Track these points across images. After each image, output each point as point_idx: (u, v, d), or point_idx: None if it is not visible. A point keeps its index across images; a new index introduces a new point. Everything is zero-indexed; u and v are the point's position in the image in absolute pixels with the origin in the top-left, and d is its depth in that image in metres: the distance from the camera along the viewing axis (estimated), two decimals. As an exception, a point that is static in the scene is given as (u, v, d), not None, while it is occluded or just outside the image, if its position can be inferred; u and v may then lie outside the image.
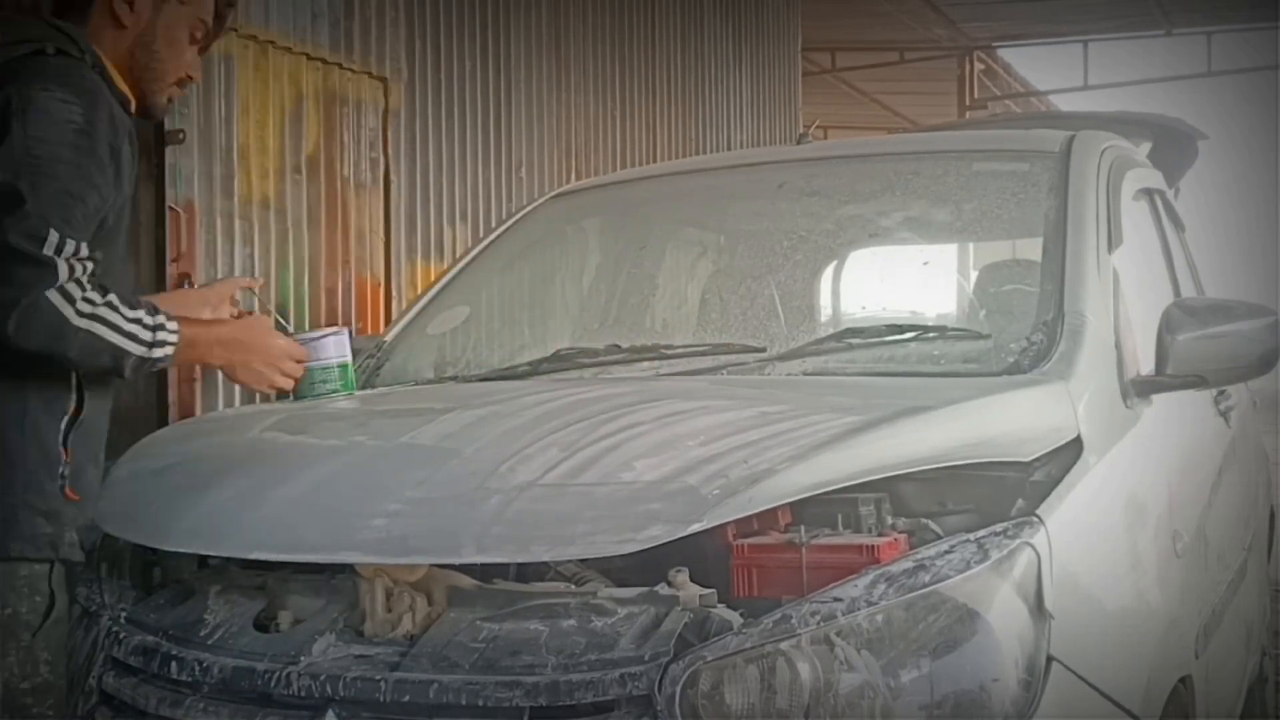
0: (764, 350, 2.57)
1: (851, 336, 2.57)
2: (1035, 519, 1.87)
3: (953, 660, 1.70)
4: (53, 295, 1.94)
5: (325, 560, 1.93)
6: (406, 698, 1.74)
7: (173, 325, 2.12)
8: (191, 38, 2.30)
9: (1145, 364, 2.51)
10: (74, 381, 2.03)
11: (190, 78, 2.33)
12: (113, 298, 2.03)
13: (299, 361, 2.43)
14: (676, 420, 2.06)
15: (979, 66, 14.67)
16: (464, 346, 3.17)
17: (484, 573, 1.94)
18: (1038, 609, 1.79)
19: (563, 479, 1.88)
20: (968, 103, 14.48)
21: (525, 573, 1.96)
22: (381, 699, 1.74)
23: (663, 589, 1.80)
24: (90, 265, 2.01)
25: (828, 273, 3.28)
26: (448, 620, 1.85)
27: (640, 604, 1.79)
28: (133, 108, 2.23)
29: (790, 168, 3.30)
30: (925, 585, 1.73)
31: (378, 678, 1.76)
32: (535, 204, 3.58)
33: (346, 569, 1.96)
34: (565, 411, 2.15)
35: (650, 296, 3.41)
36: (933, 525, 1.93)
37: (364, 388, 2.90)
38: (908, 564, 1.77)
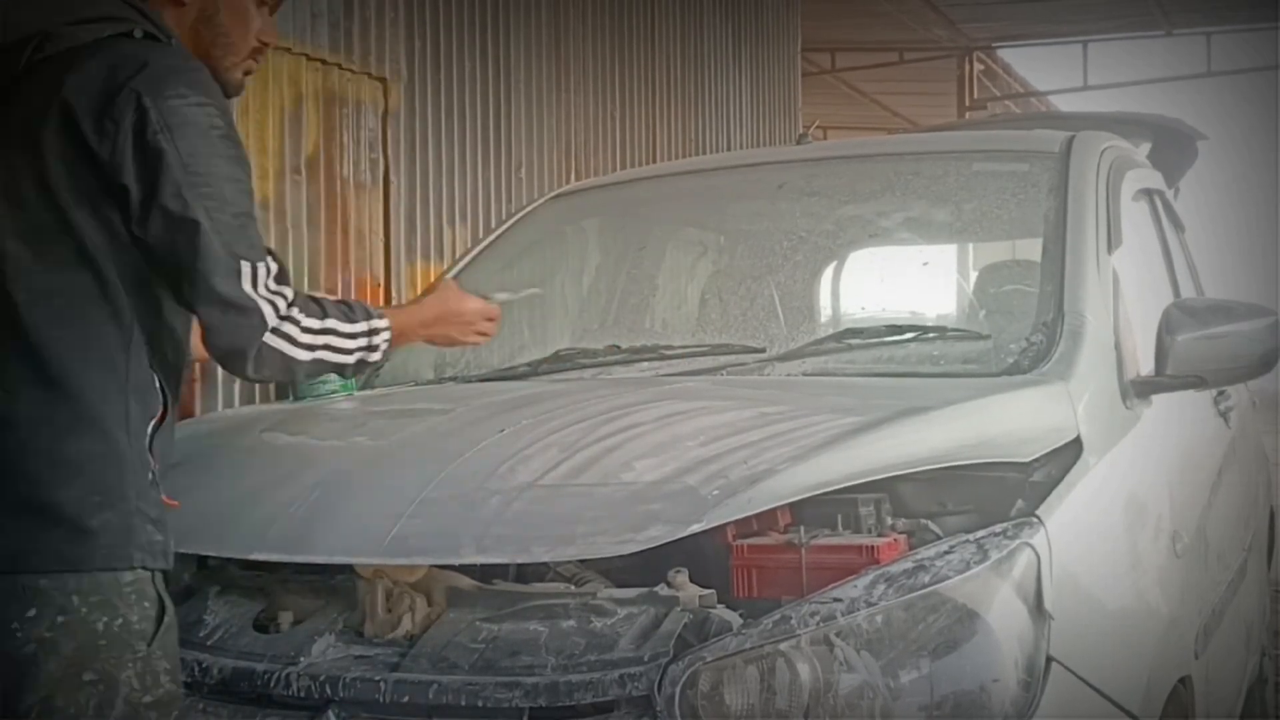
0: (764, 351, 2.57)
1: (851, 337, 2.57)
2: (1035, 519, 1.87)
3: (952, 661, 1.70)
4: (271, 340, 1.87)
5: (325, 561, 1.93)
6: (406, 698, 1.74)
7: (383, 324, 2.06)
8: (259, 1, 2.07)
9: (1145, 364, 2.51)
10: (159, 383, 1.88)
11: (265, 44, 2.09)
12: (331, 321, 1.95)
13: (491, 320, 2.34)
14: (676, 421, 2.06)
15: (979, 67, 14.67)
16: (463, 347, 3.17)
17: (484, 573, 1.94)
18: (1037, 609, 1.79)
19: (562, 480, 1.88)
20: (967, 103, 14.48)
21: (525, 573, 1.96)
22: (381, 699, 1.74)
23: (662, 589, 1.80)
24: (286, 290, 1.91)
25: (827, 273, 3.28)
26: (447, 621, 1.85)
27: (640, 604, 1.79)
28: None
29: (790, 168, 3.30)
30: (925, 586, 1.73)
31: (377, 678, 1.76)
32: (535, 204, 3.58)
33: (346, 569, 1.96)
34: (565, 412, 2.15)
35: (650, 297, 3.41)
36: (932, 526, 1.93)
37: (364, 388, 2.90)
38: (907, 564, 1.77)
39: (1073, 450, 2.08)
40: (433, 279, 3.99)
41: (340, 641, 1.87)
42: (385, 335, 2.04)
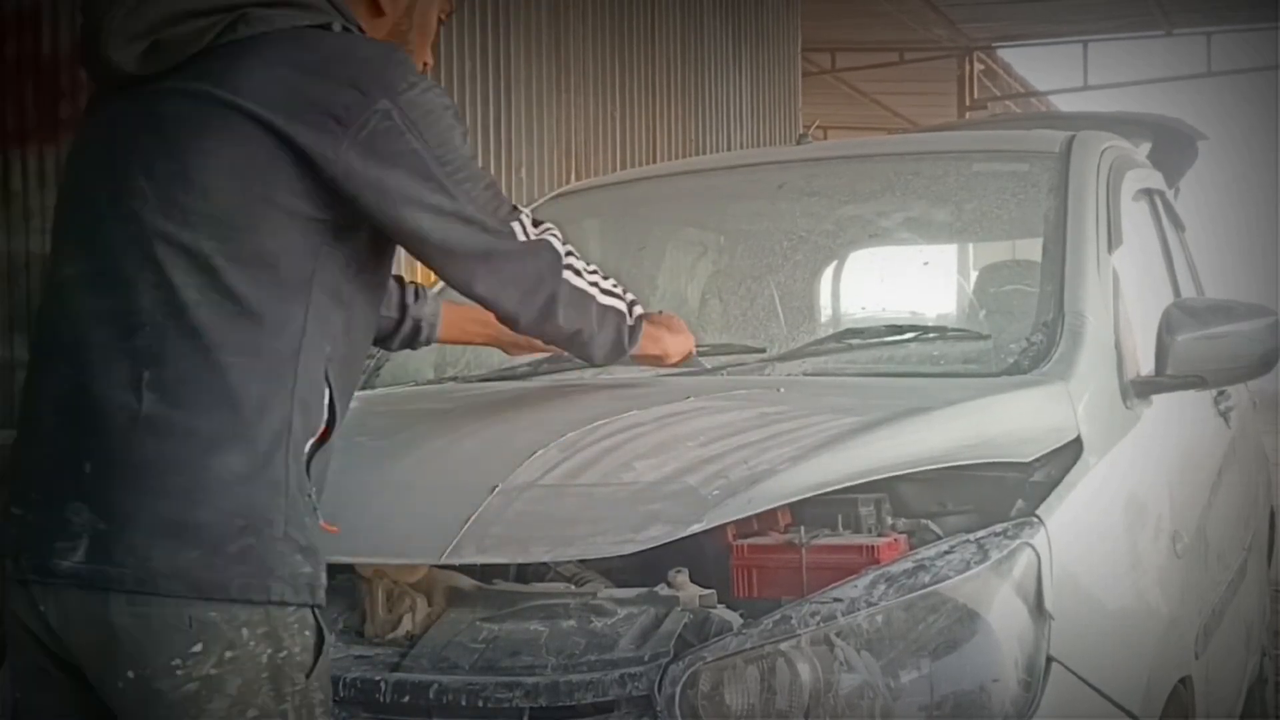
0: (764, 351, 2.57)
1: (851, 337, 2.57)
2: (1035, 519, 1.87)
3: (953, 661, 1.70)
4: (569, 277, 1.83)
5: (324, 560, 1.92)
6: (406, 698, 1.73)
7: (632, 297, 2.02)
8: (439, 21, 2.02)
9: (1145, 364, 2.51)
10: (328, 398, 1.71)
11: (428, 64, 2.01)
12: (595, 266, 1.92)
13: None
14: (676, 421, 2.06)
15: (979, 67, 14.68)
16: (464, 346, 3.17)
17: (484, 573, 1.94)
18: (1038, 609, 1.79)
19: (562, 480, 1.88)
20: (967, 103, 14.49)
21: (525, 573, 1.96)
22: (381, 699, 1.74)
23: (662, 589, 1.80)
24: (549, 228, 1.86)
25: (828, 273, 3.28)
26: (448, 621, 1.85)
27: (640, 605, 1.79)
28: None
29: (790, 168, 3.30)
30: (925, 586, 1.73)
31: (377, 678, 1.76)
32: (535, 204, 3.57)
33: (347, 569, 1.96)
34: (565, 412, 2.15)
35: (650, 297, 3.41)
36: (932, 526, 1.93)
37: (364, 388, 2.90)
38: (907, 564, 1.77)
39: (1073, 450, 2.08)
40: (433, 278, 3.98)
41: (340, 641, 1.86)
42: (640, 308, 2.02)
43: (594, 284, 1.91)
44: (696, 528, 1.75)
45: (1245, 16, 12.91)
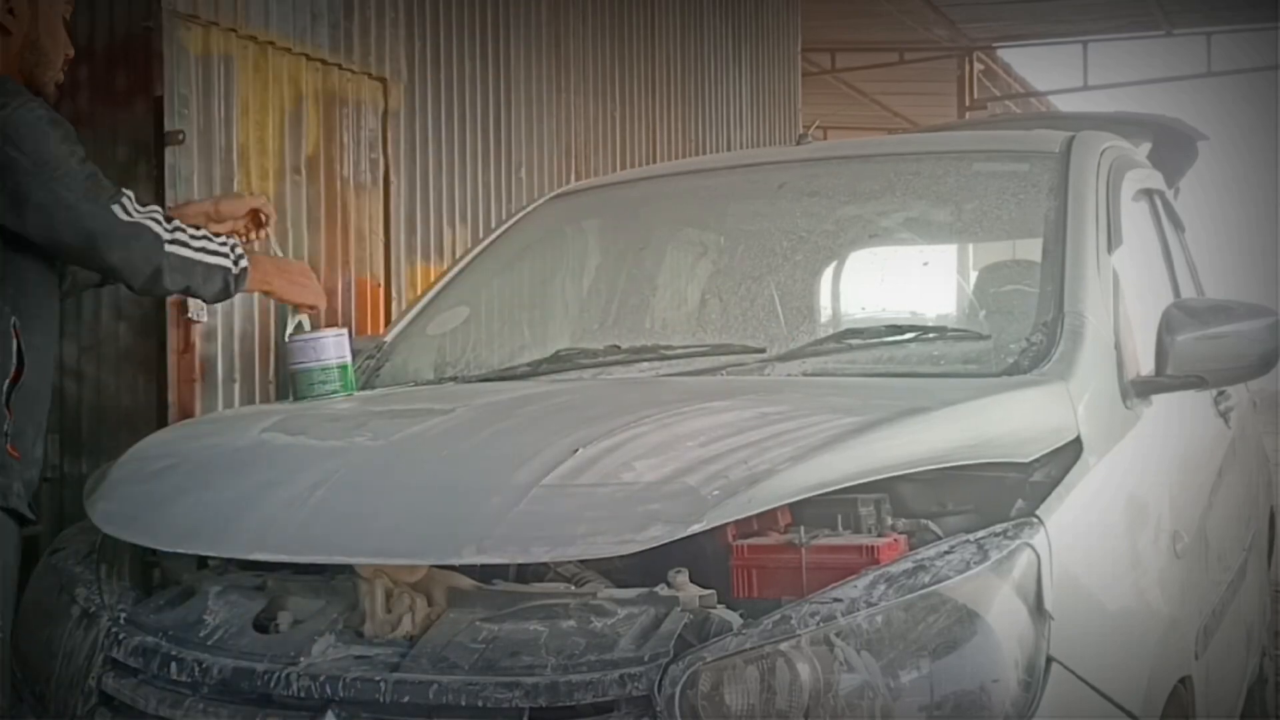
0: (764, 351, 2.57)
1: (851, 337, 2.57)
2: (1035, 520, 1.87)
3: (952, 661, 1.69)
4: (173, 249, 2.36)
5: (325, 561, 1.93)
6: (406, 698, 1.74)
7: (235, 242, 2.55)
8: (64, 21, 2.52)
9: (1145, 364, 2.51)
10: (15, 347, 2.31)
11: (69, 57, 2.55)
12: (201, 231, 2.45)
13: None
14: (676, 421, 2.05)
15: (979, 67, 14.67)
16: (464, 347, 3.17)
17: (484, 573, 1.94)
18: (1037, 610, 1.79)
19: (562, 480, 1.88)
20: (967, 103, 14.48)
21: (525, 573, 1.96)
22: (381, 700, 1.74)
23: (662, 590, 1.80)
24: (155, 209, 2.39)
25: (828, 273, 3.28)
26: (447, 621, 1.85)
27: (640, 605, 1.79)
28: None
29: (790, 168, 3.30)
30: (925, 586, 1.73)
31: (377, 678, 1.76)
32: (535, 205, 3.58)
33: (346, 569, 1.96)
34: (565, 412, 2.15)
35: (650, 297, 3.41)
36: (932, 526, 1.93)
37: (364, 388, 2.90)
38: (907, 565, 1.77)
39: (1073, 450, 2.08)
40: (433, 279, 3.99)
41: (340, 642, 1.86)
42: (241, 251, 2.53)
43: (201, 249, 2.43)
44: (696, 528, 1.75)
45: (1245, 16, 12.90)
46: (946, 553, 1.79)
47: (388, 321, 4.38)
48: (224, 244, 2.49)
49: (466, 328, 3.25)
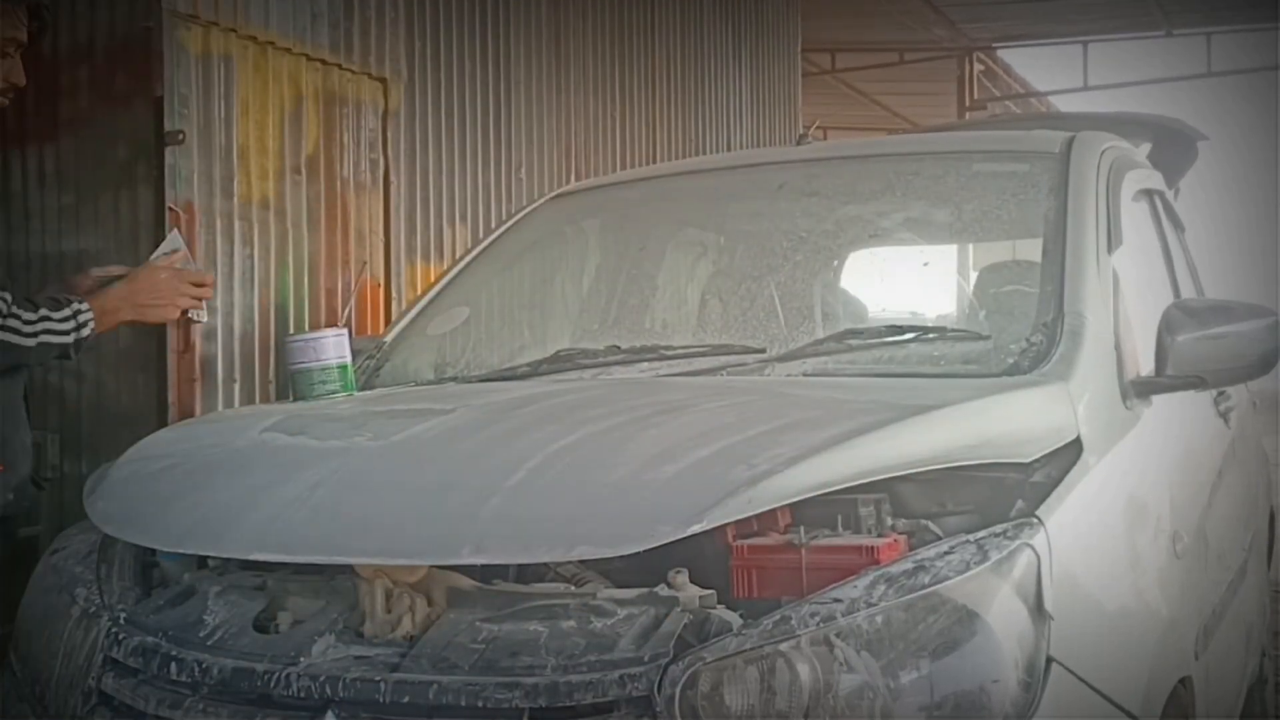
0: (764, 351, 2.57)
1: (851, 337, 2.57)
2: (1035, 520, 1.87)
3: (952, 661, 1.70)
4: (2, 335, 2.63)
5: (325, 561, 1.93)
6: (406, 699, 1.74)
7: (85, 307, 2.79)
8: (3, 53, 2.72)
9: (1145, 365, 2.51)
10: None
11: (13, 84, 2.76)
12: (44, 311, 2.70)
13: (199, 285, 3.13)
14: (676, 421, 2.06)
15: (979, 67, 14.66)
16: (464, 347, 3.17)
17: (484, 573, 1.94)
18: (1037, 610, 1.79)
19: (562, 480, 1.88)
20: (967, 104, 14.47)
21: (525, 573, 1.96)
22: (381, 700, 1.74)
23: (662, 590, 1.80)
24: (5, 295, 2.63)
25: (828, 273, 3.28)
26: (447, 621, 1.85)
27: (640, 605, 1.79)
28: None
29: (790, 168, 3.30)
30: (925, 586, 1.73)
31: (377, 679, 1.76)
32: (535, 205, 3.58)
33: (346, 570, 1.96)
34: (565, 412, 2.15)
35: (650, 297, 3.41)
36: (932, 526, 1.93)
37: (364, 388, 2.90)
38: (907, 565, 1.77)
39: (1073, 451, 2.08)
40: (433, 279, 3.99)
41: (340, 642, 1.86)
42: (88, 314, 2.79)
43: (35, 332, 2.69)
44: (696, 528, 1.75)
45: (1245, 16, 12.90)
46: (946, 553, 1.80)
47: (388, 321, 4.38)
48: (65, 319, 2.75)
49: (466, 328, 3.25)
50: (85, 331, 2.78)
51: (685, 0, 7.26)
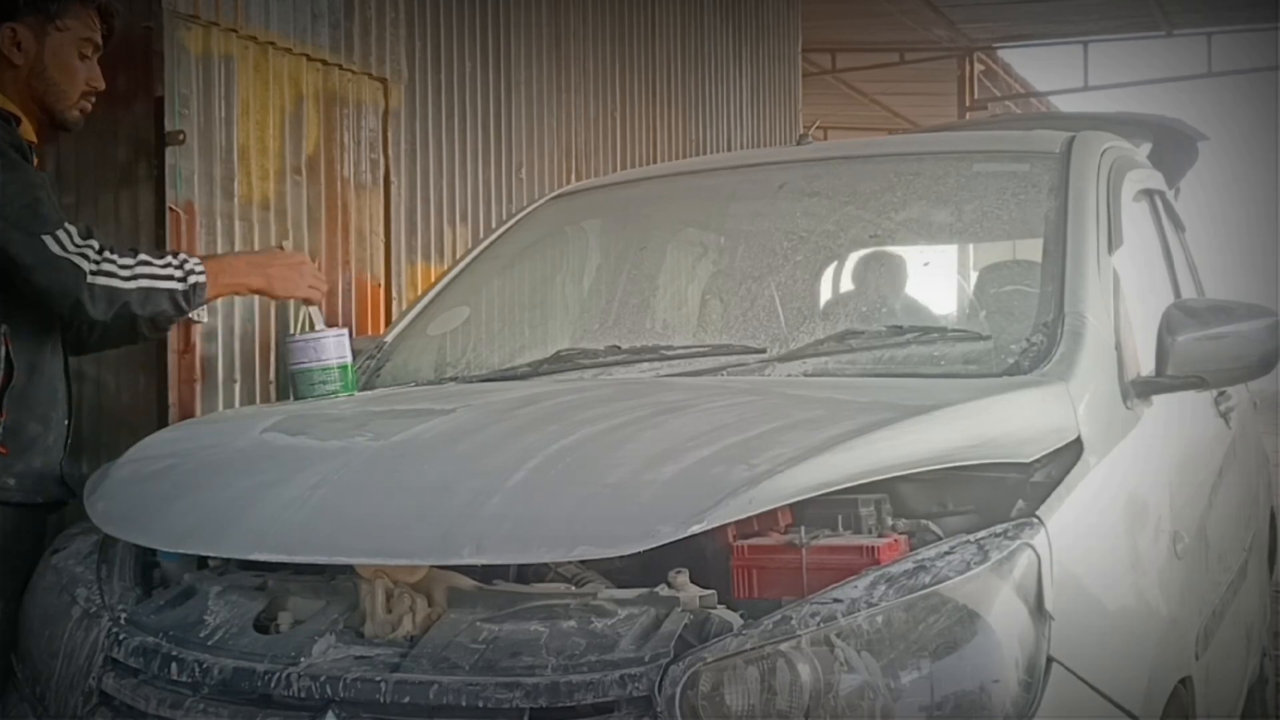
0: (764, 351, 2.57)
1: (852, 337, 2.57)
2: (1035, 520, 1.87)
3: (953, 661, 1.69)
4: (97, 280, 2.45)
5: (325, 561, 1.93)
6: (406, 699, 1.74)
7: (193, 258, 2.62)
8: (81, 55, 2.65)
9: (1145, 365, 2.51)
10: (4, 352, 2.47)
11: (94, 88, 2.69)
12: (142, 256, 2.54)
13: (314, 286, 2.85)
14: (676, 421, 2.05)
15: (979, 67, 14.66)
16: (464, 347, 3.18)
17: (484, 573, 1.94)
18: (1038, 610, 1.79)
19: (563, 480, 1.88)
20: (968, 104, 14.47)
21: (525, 574, 1.96)
22: (381, 700, 1.74)
23: (663, 590, 1.80)
24: (93, 242, 2.48)
25: (828, 273, 3.28)
26: (448, 621, 1.85)
27: (640, 605, 1.79)
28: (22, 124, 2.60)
29: (791, 168, 3.30)
30: (925, 586, 1.73)
31: (378, 679, 1.76)
32: (535, 205, 3.58)
33: (347, 570, 1.96)
34: (565, 413, 2.15)
35: (651, 297, 3.41)
36: (933, 526, 1.93)
37: (364, 388, 2.90)
38: (908, 565, 1.77)
39: (1073, 451, 2.08)
40: (433, 279, 3.99)
41: (340, 642, 1.86)
42: (195, 263, 2.61)
43: (133, 275, 2.51)
44: (697, 528, 1.75)
45: (1245, 17, 12.90)
46: (947, 553, 1.79)
47: (388, 321, 4.38)
48: (167, 264, 2.57)
49: (467, 328, 3.25)
50: (194, 280, 2.58)
51: (686, 1, 7.26)
